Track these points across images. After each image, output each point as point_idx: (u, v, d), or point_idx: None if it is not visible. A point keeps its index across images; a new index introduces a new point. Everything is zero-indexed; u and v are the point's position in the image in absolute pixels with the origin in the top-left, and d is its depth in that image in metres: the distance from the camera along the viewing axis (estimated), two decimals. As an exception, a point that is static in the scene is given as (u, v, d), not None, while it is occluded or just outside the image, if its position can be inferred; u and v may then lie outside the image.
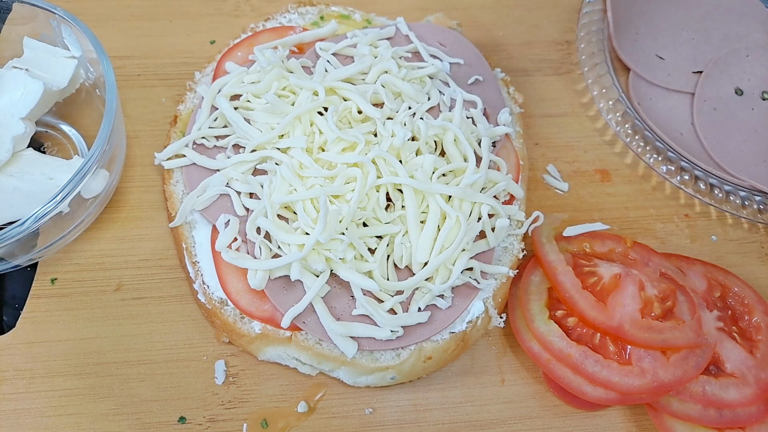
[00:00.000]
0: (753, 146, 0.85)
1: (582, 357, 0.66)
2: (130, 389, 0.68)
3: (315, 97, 0.72)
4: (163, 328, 0.71)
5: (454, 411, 0.69)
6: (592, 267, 0.72)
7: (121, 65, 0.88)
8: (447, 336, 0.67)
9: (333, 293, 0.66)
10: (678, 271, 0.74)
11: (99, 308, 0.72)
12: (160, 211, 0.78)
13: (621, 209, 0.84)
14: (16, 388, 0.67)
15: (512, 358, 0.73)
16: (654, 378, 0.65)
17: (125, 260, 0.75)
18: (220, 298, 0.69)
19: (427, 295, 0.66)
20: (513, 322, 0.72)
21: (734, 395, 0.67)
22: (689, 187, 0.82)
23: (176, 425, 0.67)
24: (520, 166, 0.78)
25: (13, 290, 0.74)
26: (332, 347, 0.66)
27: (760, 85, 0.90)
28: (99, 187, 0.71)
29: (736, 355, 0.69)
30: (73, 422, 0.66)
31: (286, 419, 0.67)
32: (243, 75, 0.76)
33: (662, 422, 0.67)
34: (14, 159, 0.71)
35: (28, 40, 0.77)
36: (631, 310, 0.68)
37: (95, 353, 0.69)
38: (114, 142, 0.71)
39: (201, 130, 0.74)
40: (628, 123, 0.86)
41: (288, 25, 0.85)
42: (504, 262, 0.72)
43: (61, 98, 0.79)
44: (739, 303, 0.74)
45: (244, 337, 0.67)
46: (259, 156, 0.70)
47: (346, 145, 0.69)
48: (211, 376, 0.69)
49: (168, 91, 0.87)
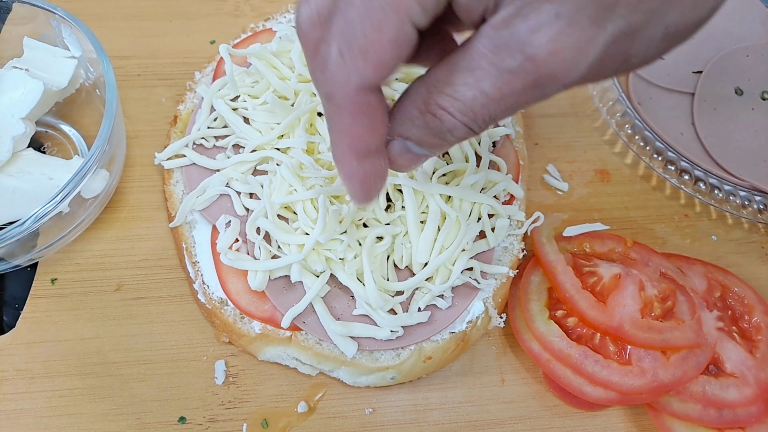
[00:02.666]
0: (753, 146, 0.85)
1: (582, 357, 0.66)
2: (130, 389, 0.68)
3: (314, 98, 0.72)
4: (163, 328, 0.71)
5: (454, 411, 0.69)
6: (592, 267, 0.72)
7: (121, 65, 0.88)
8: (447, 336, 0.67)
9: (333, 293, 0.66)
10: (678, 271, 0.74)
11: (99, 308, 0.72)
12: (160, 211, 0.78)
13: (621, 209, 0.84)
14: (16, 388, 0.67)
15: (512, 358, 0.73)
16: (654, 378, 0.65)
17: (125, 260, 0.75)
18: (220, 298, 0.69)
19: (427, 295, 0.66)
20: (513, 322, 0.72)
21: (734, 395, 0.67)
22: (689, 187, 0.82)
23: (176, 425, 0.67)
24: (520, 166, 0.78)
25: (13, 290, 0.74)
26: (332, 347, 0.66)
27: (760, 85, 0.90)
28: (99, 187, 0.71)
29: (736, 355, 0.69)
30: (73, 422, 0.66)
31: (286, 419, 0.67)
32: (243, 76, 0.76)
33: (662, 422, 0.67)
34: (14, 159, 0.71)
35: (28, 40, 0.77)
36: (631, 310, 0.68)
37: (95, 353, 0.69)
38: (114, 142, 0.71)
39: (200, 130, 0.74)
40: (628, 123, 0.86)
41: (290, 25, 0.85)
42: (504, 262, 0.72)
43: (61, 98, 0.79)
44: (739, 303, 0.74)
45: (244, 337, 0.67)
46: (259, 156, 0.70)
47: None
48: (211, 376, 0.69)
49: (168, 91, 0.87)
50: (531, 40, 0.39)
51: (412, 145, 0.48)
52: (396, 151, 0.49)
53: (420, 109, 0.45)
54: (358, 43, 0.41)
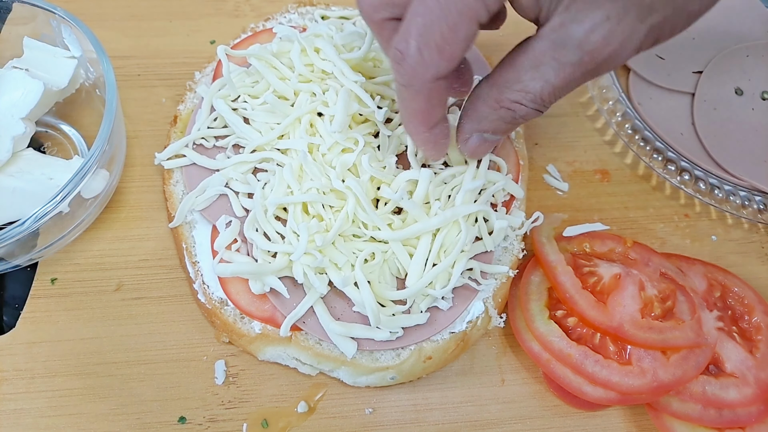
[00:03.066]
0: (753, 146, 0.85)
1: (582, 357, 0.66)
2: (130, 389, 0.68)
3: (314, 98, 0.72)
4: (163, 328, 0.71)
5: (454, 411, 0.69)
6: (592, 267, 0.72)
7: (121, 65, 0.87)
8: (447, 336, 0.67)
9: (333, 293, 0.66)
10: (678, 271, 0.74)
11: (99, 308, 0.72)
12: (160, 211, 0.78)
13: (621, 209, 0.84)
14: (16, 388, 0.67)
15: (512, 358, 0.73)
16: (654, 378, 0.65)
17: (125, 260, 0.75)
18: (220, 298, 0.69)
19: (428, 298, 0.66)
20: (513, 322, 0.72)
21: (734, 395, 0.67)
22: (689, 187, 0.82)
23: (176, 425, 0.67)
24: (520, 166, 0.78)
25: (13, 290, 0.74)
26: (332, 347, 0.66)
27: (760, 85, 0.90)
28: (99, 187, 0.71)
29: (736, 355, 0.69)
30: (73, 422, 0.66)
31: (286, 419, 0.67)
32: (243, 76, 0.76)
33: (662, 422, 0.67)
34: (14, 159, 0.71)
35: (28, 40, 0.77)
36: (631, 310, 0.68)
37: (95, 353, 0.69)
38: (114, 142, 0.71)
39: (201, 130, 0.74)
40: (628, 123, 0.86)
41: (290, 26, 0.85)
42: (504, 262, 0.72)
43: (61, 98, 0.79)
44: (739, 303, 0.74)
45: (244, 337, 0.67)
46: (259, 157, 0.70)
47: (346, 146, 0.69)
48: (211, 376, 0.69)
49: (168, 91, 0.87)
50: (588, 39, 0.49)
51: (488, 135, 0.60)
52: (475, 144, 0.61)
53: (493, 107, 0.56)
54: (435, 42, 0.50)
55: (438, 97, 0.56)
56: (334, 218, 0.65)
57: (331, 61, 0.72)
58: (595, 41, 0.49)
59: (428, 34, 0.50)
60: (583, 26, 0.49)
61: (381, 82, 0.73)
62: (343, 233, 0.65)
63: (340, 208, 0.66)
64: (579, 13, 0.49)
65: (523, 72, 0.53)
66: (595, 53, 0.50)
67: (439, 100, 0.56)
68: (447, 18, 0.49)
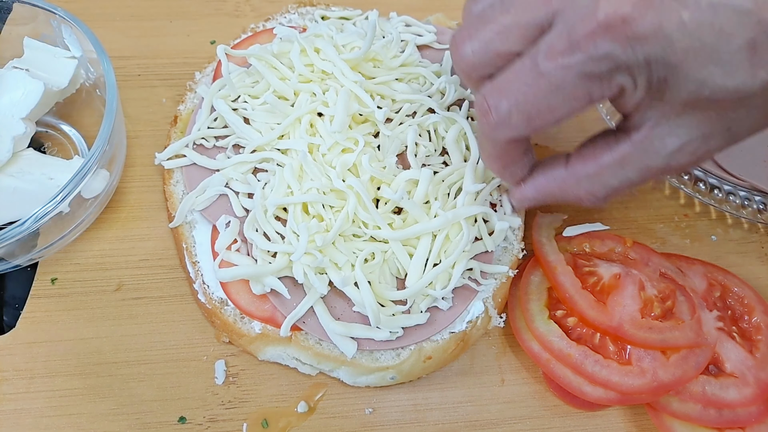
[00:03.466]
0: (753, 146, 0.85)
1: (582, 357, 0.66)
2: (130, 389, 0.68)
3: (314, 98, 0.72)
4: (163, 328, 0.71)
5: (454, 411, 0.69)
6: (592, 267, 0.72)
7: (121, 65, 0.88)
8: (447, 336, 0.67)
9: (333, 293, 0.66)
10: (678, 271, 0.74)
11: (99, 308, 0.72)
12: (160, 211, 0.78)
13: (621, 209, 0.84)
14: (16, 388, 0.67)
15: (512, 358, 0.73)
16: (654, 378, 0.65)
17: (125, 260, 0.75)
18: (220, 298, 0.69)
19: (428, 298, 0.66)
20: (513, 322, 0.72)
21: (734, 395, 0.67)
22: (689, 186, 0.82)
23: (176, 425, 0.67)
24: (520, 166, 0.78)
25: (13, 290, 0.74)
26: (332, 347, 0.66)
27: (759, 86, 0.90)
28: (99, 187, 0.71)
29: (736, 355, 0.69)
30: (73, 422, 0.66)
31: (286, 419, 0.67)
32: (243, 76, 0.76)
33: (662, 422, 0.67)
34: (14, 159, 0.71)
35: (29, 40, 0.77)
36: (631, 310, 0.68)
37: (95, 353, 0.69)
38: (114, 142, 0.71)
39: (201, 130, 0.74)
40: (628, 123, 0.85)
41: (290, 26, 0.85)
42: (504, 261, 0.72)
43: (61, 98, 0.79)
44: (739, 303, 0.74)
45: (244, 337, 0.67)
46: (259, 157, 0.70)
47: (346, 146, 0.69)
48: (211, 376, 0.69)
49: (168, 92, 0.87)
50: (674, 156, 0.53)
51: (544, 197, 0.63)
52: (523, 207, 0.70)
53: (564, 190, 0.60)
54: (528, 113, 0.51)
55: (515, 149, 0.59)
56: (334, 218, 0.65)
57: (331, 62, 0.73)
58: (682, 158, 0.53)
59: (526, 103, 0.51)
60: (673, 141, 0.52)
61: (381, 82, 0.73)
62: (343, 233, 0.65)
63: (340, 208, 0.66)
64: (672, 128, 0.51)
65: (606, 168, 0.56)
66: (680, 166, 0.54)
67: (516, 150, 0.59)
68: (551, 98, 0.49)
